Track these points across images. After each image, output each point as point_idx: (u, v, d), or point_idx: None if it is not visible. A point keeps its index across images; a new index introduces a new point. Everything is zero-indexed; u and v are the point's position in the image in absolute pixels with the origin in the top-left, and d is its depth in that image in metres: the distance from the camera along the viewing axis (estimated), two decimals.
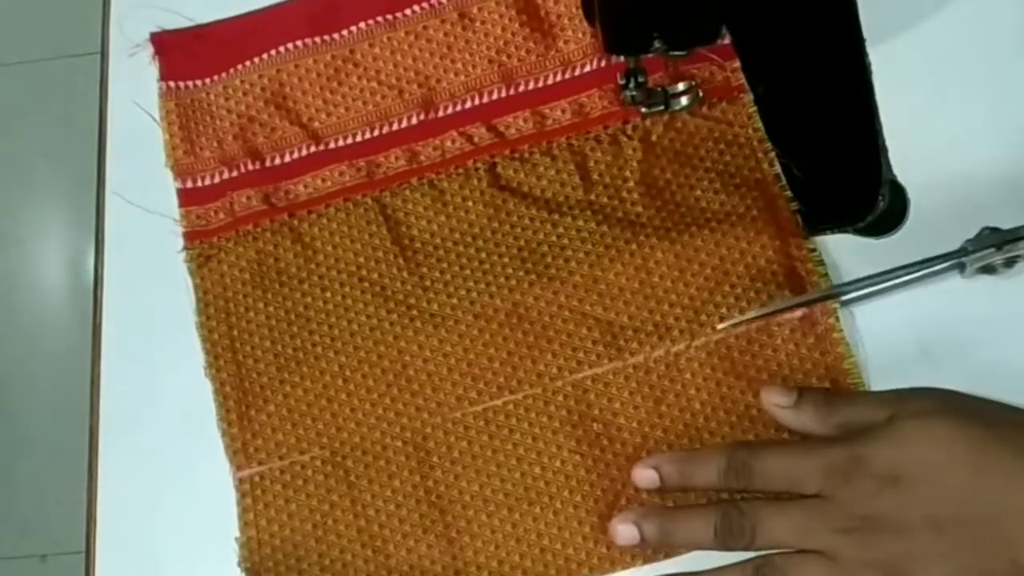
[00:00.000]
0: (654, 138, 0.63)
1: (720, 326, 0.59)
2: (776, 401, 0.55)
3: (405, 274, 0.63)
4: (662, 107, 0.63)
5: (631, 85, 0.61)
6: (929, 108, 0.61)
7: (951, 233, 0.58)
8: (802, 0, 0.59)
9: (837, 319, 0.58)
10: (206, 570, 0.61)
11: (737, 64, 0.63)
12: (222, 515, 0.61)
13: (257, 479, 0.60)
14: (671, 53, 0.59)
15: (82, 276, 1.64)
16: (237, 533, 0.60)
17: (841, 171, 0.60)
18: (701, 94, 0.63)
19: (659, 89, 0.63)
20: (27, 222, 1.68)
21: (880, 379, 0.57)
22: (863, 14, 0.60)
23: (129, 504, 0.63)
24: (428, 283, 0.62)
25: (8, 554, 1.58)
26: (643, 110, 0.63)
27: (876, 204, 0.58)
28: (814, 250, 0.60)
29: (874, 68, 0.60)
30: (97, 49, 0.72)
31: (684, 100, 0.63)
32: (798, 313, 0.58)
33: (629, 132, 0.64)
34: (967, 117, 0.61)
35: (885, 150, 0.59)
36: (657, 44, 0.57)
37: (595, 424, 0.59)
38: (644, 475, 0.56)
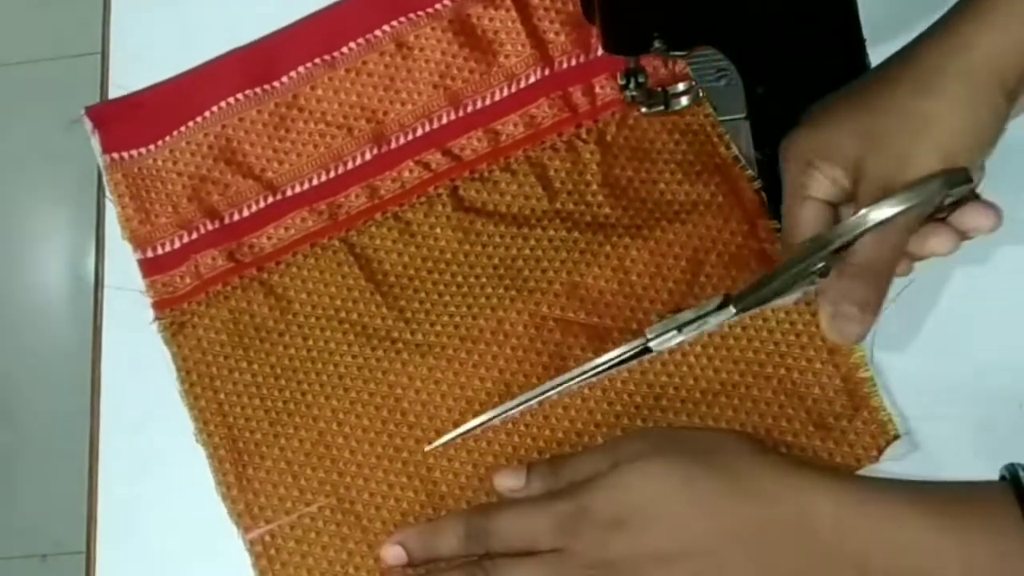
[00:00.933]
0: (609, 138, 0.64)
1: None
2: (509, 485, 0.57)
3: (384, 310, 0.62)
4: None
5: (631, 85, 0.61)
6: None
7: None
8: (802, 1, 0.59)
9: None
10: (206, 570, 0.61)
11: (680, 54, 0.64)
12: (222, 515, 0.61)
13: (268, 538, 0.59)
14: (671, 53, 0.59)
15: (83, 275, 1.63)
16: (238, 536, 0.60)
17: None
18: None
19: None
20: (27, 222, 1.68)
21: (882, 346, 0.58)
22: (863, 14, 0.60)
23: (129, 504, 0.63)
24: (409, 315, 0.62)
25: (8, 554, 1.57)
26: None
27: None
28: (779, 230, 0.60)
29: None
30: (97, 49, 0.71)
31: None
32: (796, 295, 0.58)
33: (584, 136, 0.64)
34: None
35: None
36: (657, 44, 0.57)
37: (599, 430, 0.58)
38: (391, 553, 0.56)
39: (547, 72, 0.65)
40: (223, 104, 0.66)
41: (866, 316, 0.50)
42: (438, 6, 0.66)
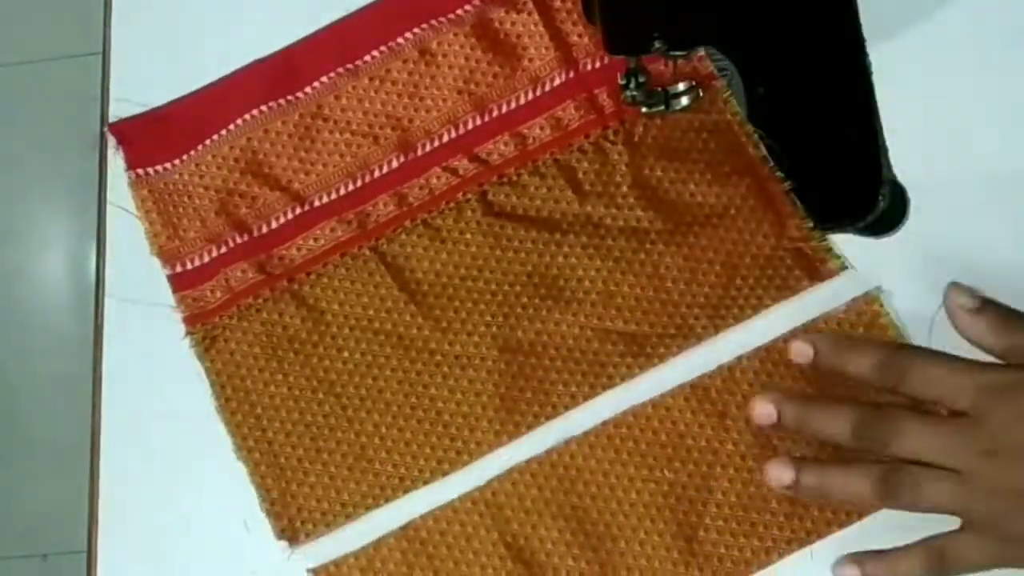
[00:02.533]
0: (636, 139, 0.63)
1: None
2: (960, 302, 0.54)
3: (420, 319, 0.62)
4: (663, 107, 0.62)
5: (631, 85, 0.61)
6: (929, 108, 0.61)
7: (950, 232, 0.59)
8: (802, 1, 0.59)
9: (881, 304, 0.59)
10: (208, 569, 0.62)
11: (702, 52, 0.63)
12: (224, 514, 0.62)
13: (333, 568, 0.60)
14: (671, 53, 0.59)
15: (83, 276, 1.64)
16: (244, 531, 0.61)
17: (841, 171, 0.61)
18: (701, 93, 0.62)
19: (659, 89, 0.62)
20: (28, 222, 1.68)
21: None
22: (863, 14, 0.60)
23: (131, 503, 0.63)
24: (445, 324, 0.62)
25: (9, 554, 1.59)
26: (644, 110, 0.62)
27: (876, 204, 0.59)
28: (814, 228, 0.60)
29: (874, 68, 0.61)
30: (98, 49, 0.71)
31: (685, 100, 0.62)
32: (842, 305, 0.59)
33: (611, 137, 0.64)
34: (967, 117, 0.61)
35: (885, 150, 0.60)
36: (657, 44, 0.57)
37: (665, 449, 0.59)
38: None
39: (571, 74, 0.65)
40: (247, 116, 0.66)
41: None
42: (460, 11, 0.66)
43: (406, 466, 0.60)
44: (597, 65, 0.65)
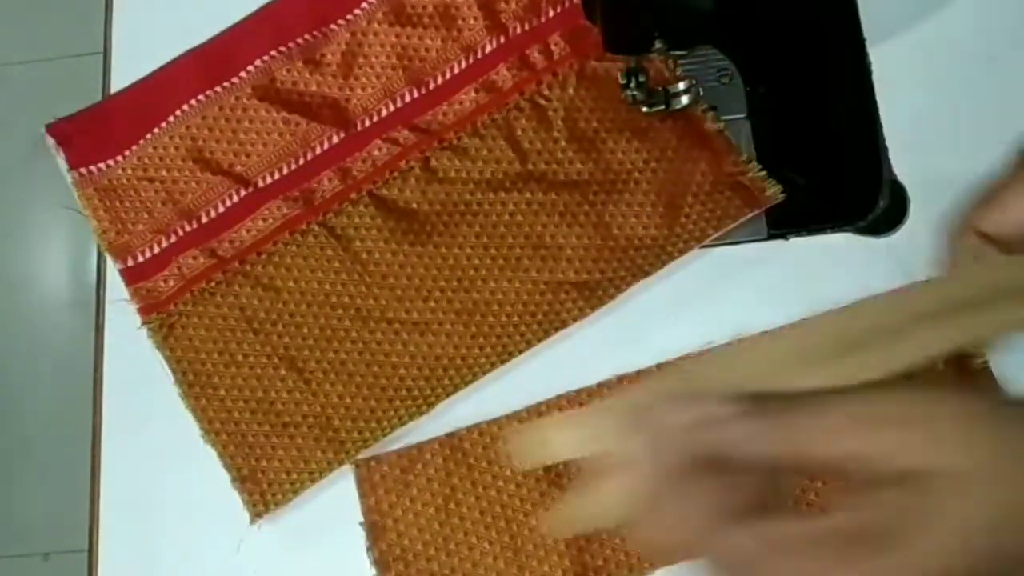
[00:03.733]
0: (571, 91, 0.65)
1: None
2: None
3: (375, 289, 0.63)
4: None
5: (632, 85, 0.62)
6: (929, 108, 0.62)
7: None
8: (802, 1, 0.60)
9: None
10: (208, 568, 0.62)
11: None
12: (224, 513, 0.62)
13: (374, 463, 0.60)
14: (671, 53, 0.60)
15: (84, 276, 1.62)
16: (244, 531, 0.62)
17: (841, 171, 0.62)
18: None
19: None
20: (29, 222, 1.66)
21: None
22: (863, 15, 0.61)
23: (131, 502, 0.64)
24: (399, 292, 0.63)
25: (9, 553, 1.56)
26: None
27: (876, 204, 0.60)
28: (749, 161, 0.62)
29: (874, 68, 0.62)
30: (99, 49, 0.71)
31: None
32: None
33: (546, 93, 0.65)
34: (967, 117, 0.62)
35: (885, 150, 0.61)
36: (657, 44, 0.58)
37: None
38: None
39: (502, 40, 0.66)
40: (185, 107, 0.67)
41: None
42: None
43: (370, 430, 0.61)
44: (526, 28, 0.66)
